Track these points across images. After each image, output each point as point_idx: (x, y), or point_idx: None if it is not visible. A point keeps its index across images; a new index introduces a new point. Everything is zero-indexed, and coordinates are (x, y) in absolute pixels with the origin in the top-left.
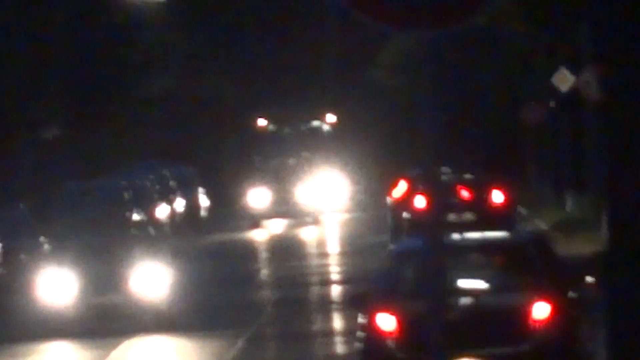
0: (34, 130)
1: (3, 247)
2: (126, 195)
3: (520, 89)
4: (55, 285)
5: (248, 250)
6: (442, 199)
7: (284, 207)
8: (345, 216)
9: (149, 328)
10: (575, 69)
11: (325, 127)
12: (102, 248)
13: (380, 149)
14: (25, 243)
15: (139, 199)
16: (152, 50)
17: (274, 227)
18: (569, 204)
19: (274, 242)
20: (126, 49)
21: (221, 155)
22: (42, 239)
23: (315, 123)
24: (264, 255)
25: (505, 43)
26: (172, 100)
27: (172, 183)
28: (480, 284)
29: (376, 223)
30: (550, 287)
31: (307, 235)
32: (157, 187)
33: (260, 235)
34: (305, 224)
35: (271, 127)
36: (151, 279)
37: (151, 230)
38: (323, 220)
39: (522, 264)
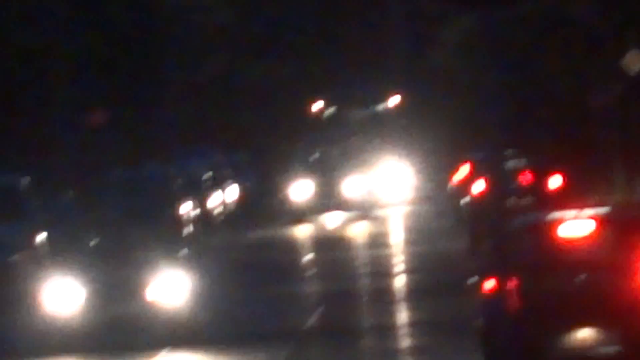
0: (80, 114)
1: (48, 236)
2: (175, 185)
3: (588, 72)
4: (65, 293)
5: (290, 246)
6: (502, 184)
7: (331, 200)
8: (409, 208)
9: (179, 340)
10: None
11: (388, 111)
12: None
13: (445, 134)
14: (70, 234)
15: (191, 188)
16: (206, 32)
17: (320, 223)
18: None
19: (318, 238)
20: (180, 31)
21: (274, 142)
22: (87, 231)
23: (379, 106)
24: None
25: (572, 23)
26: (227, 83)
27: (226, 171)
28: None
29: (439, 217)
30: None
31: (357, 232)
32: (211, 175)
33: (303, 232)
34: (356, 219)
35: (329, 111)
36: (182, 284)
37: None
38: (381, 215)
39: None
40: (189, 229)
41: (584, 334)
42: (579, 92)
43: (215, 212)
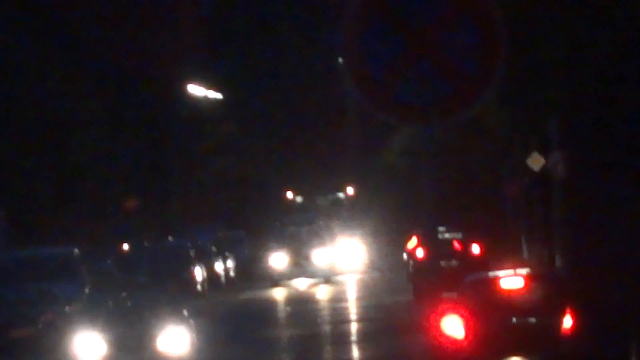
0: (118, 201)
1: (90, 293)
2: (189, 254)
3: (502, 168)
4: (90, 345)
5: (271, 302)
6: (437, 250)
7: (301, 268)
8: (360, 276)
9: None
10: (545, 153)
11: (344, 198)
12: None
13: (389, 217)
14: (109, 294)
15: (201, 257)
16: (211, 139)
17: (293, 286)
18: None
19: (292, 299)
20: (191, 138)
21: (262, 222)
22: (124, 293)
23: (337, 195)
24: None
25: (489, 131)
26: (227, 177)
27: (226, 244)
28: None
29: (388, 283)
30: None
31: (322, 292)
32: (214, 247)
33: (280, 292)
34: (320, 283)
35: (298, 198)
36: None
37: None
38: (338, 280)
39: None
40: (199, 288)
41: None
42: (495, 184)
43: (219, 275)
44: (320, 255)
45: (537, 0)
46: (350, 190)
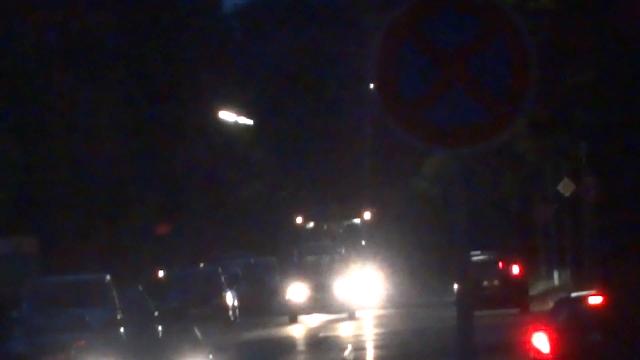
0: (151, 228)
1: (126, 319)
2: (221, 280)
3: (532, 193)
4: None
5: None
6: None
7: (320, 302)
8: (379, 312)
9: None
10: (575, 179)
11: (360, 224)
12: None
13: (414, 245)
14: (140, 318)
15: (231, 283)
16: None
17: (311, 322)
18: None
19: (309, 339)
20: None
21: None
22: (156, 313)
23: (354, 220)
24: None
25: (521, 157)
26: (253, 203)
27: (257, 270)
28: None
29: (407, 322)
30: None
31: (344, 330)
32: (242, 273)
33: (297, 331)
34: (341, 319)
35: (310, 224)
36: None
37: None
38: (359, 316)
39: None
40: (230, 315)
41: None
42: (526, 209)
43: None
44: (342, 288)
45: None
46: (367, 216)
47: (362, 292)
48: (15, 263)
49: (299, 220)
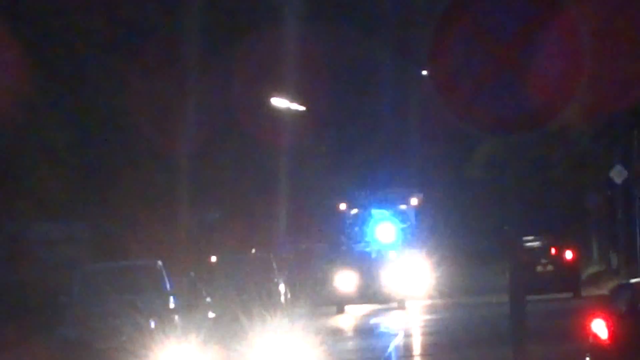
0: (200, 214)
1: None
2: (274, 265)
3: (584, 179)
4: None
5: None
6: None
7: (369, 291)
8: (429, 302)
9: None
10: (628, 166)
11: (407, 211)
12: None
13: (464, 232)
14: (193, 302)
15: (281, 268)
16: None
17: (359, 312)
18: (614, 262)
19: (359, 326)
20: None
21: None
22: (208, 299)
23: (399, 206)
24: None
25: (573, 143)
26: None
27: (308, 257)
28: None
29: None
30: None
31: (393, 319)
32: (294, 259)
33: (345, 321)
34: (390, 309)
35: (353, 210)
36: None
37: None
38: (408, 306)
39: None
40: (282, 300)
41: None
42: (578, 195)
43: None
44: (391, 277)
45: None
46: (414, 202)
47: (412, 281)
48: (67, 248)
49: (342, 207)
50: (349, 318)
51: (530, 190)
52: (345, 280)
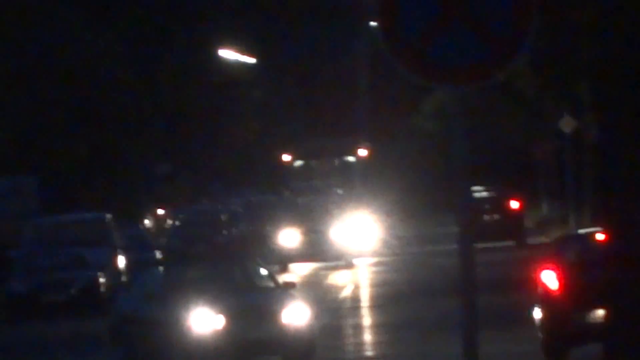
0: (149, 167)
1: (126, 259)
2: (223, 218)
3: (533, 130)
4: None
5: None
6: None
7: (314, 249)
8: (376, 259)
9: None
10: (577, 115)
11: (355, 162)
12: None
13: (413, 184)
14: (143, 255)
15: (232, 220)
16: (242, 103)
17: (303, 271)
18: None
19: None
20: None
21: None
22: (157, 252)
23: (346, 158)
24: None
25: (521, 94)
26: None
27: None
28: None
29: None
30: None
31: (340, 278)
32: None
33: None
34: (337, 268)
35: (297, 162)
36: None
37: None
38: (356, 264)
39: None
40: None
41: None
42: (526, 146)
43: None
44: (338, 233)
45: None
46: (362, 153)
47: (360, 237)
48: (15, 202)
49: (285, 157)
50: (292, 277)
51: (478, 142)
52: (289, 236)
